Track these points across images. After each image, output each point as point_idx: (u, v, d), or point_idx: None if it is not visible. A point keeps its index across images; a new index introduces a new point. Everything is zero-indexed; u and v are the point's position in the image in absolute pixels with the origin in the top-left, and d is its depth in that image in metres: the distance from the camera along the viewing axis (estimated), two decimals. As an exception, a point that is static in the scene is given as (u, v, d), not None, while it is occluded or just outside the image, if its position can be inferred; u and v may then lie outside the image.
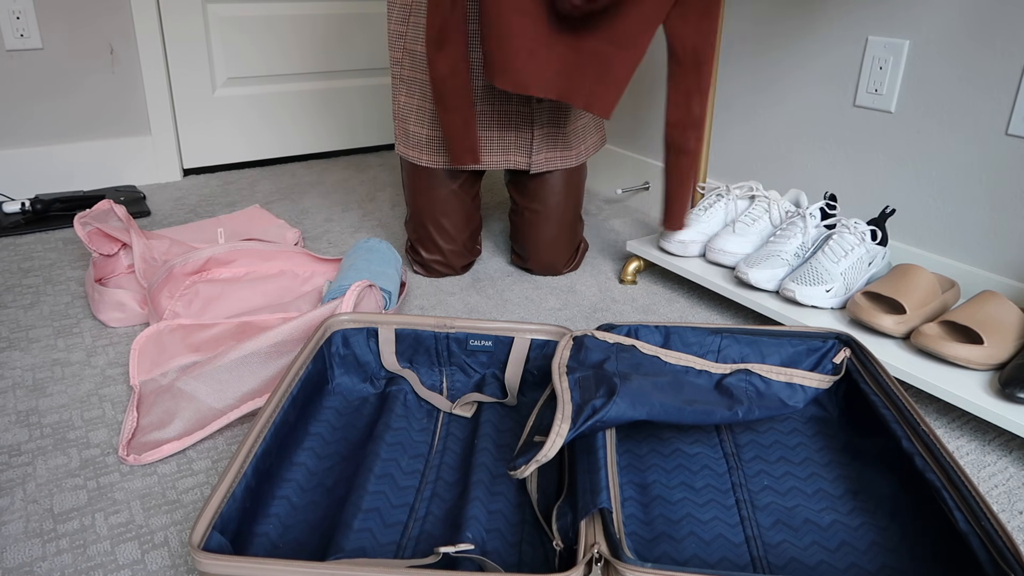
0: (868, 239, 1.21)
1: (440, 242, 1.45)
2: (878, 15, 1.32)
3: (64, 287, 1.39)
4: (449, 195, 1.41)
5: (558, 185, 1.42)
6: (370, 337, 0.98)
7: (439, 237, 1.45)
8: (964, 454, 0.98)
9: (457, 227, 1.44)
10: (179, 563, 0.77)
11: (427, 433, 0.91)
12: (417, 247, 1.48)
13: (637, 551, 0.73)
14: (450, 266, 1.47)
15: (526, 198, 1.44)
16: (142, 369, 1.08)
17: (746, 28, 1.55)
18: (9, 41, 1.71)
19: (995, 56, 1.17)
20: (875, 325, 1.09)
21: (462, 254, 1.47)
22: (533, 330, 0.97)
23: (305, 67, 2.18)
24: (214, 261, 1.29)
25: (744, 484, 0.82)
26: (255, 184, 2.04)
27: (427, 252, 1.46)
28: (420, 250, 1.47)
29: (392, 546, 0.73)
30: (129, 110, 1.92)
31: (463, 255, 1.47)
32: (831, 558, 0.72)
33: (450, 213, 1.43)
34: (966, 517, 0.64)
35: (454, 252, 1.46)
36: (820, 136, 1.46)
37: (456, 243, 1.45)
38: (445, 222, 1.43)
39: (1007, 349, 1.01)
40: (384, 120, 2.38)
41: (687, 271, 1.35)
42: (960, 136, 1.24)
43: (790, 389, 0.90)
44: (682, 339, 0.94)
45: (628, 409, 0.75)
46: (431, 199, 1.42)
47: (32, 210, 1.68)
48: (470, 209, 1.45)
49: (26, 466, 0.91)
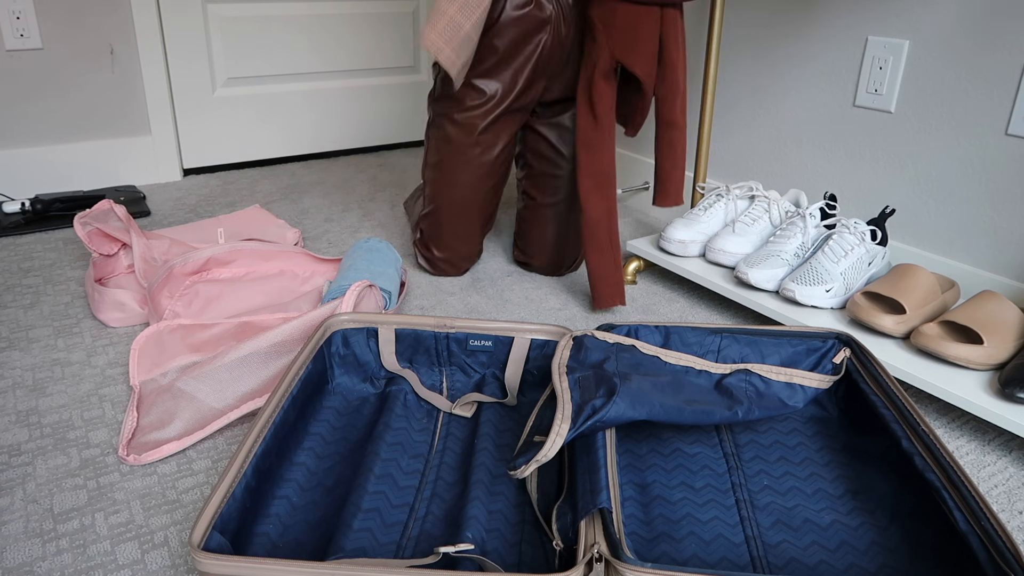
0: (868, 239, 1.21)
1: (455, 242, 1.44)
2: (878, 15, 1.32)
3: (64, 287, 1.39)
4: (478, 194, 1.40)
5: (571, 184, 1.42)
6: (370, 337, 0.98)
7: (455, 236, 1.43)
8: (964, 454, 0.98)
9: (475, 229, 1.44)
10: (179, 563, 0.77)
11: (427, 433, 0.91)
12: (430, 243, 1.45)
13: (637, 551, 0.73)
14: (457, 267, 1.47)
15: (544, 193, 1.43)
16: (142, 369, 1.08)
17: (746, 28, 1.55)
18: (9, 41, 1.71)
19: (995, 56, 1.17)
20: (875, 325, 1.09)
21: (472, 256, 1.47)
22: (533, 330, 0.97)
23: (305, 67, 2.18)
24: (214, 261, 1.29)
25: (744, 484, 0.82)
26: (255, 184, 2.04)
27: (439, 250, 1.45)
28: (433, 247, 1.45)
29: (392, 546, 0.74)
30: (129, 110, 1.92)
31: (472, 257, 1.47)
32: (831, 558, 0.72)
33: (474, 213, 1.41)
34: (966, 517, 0.64)
35: (466, 254, 1.45)
36: (820, 136, 1.46)
37: (470, 245, 1.45)
38: (466, 222, 1.42)
39: (1007, 349, 1.01)
40: (384, 120, 2.38)
41: (687, 271, 1.35)
42: (960, 136, 1.24)
43: (790, 389, 0.90)
44: (682, 339, 0.94)
45: (628, 409, 0.75)
46: (459, 195, 1.39)
47: (32, 210, 1.68)
48: (492, 212, 1.45)
49: (26, 466, 0.91)
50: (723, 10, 1.35)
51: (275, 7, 2.07)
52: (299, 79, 2.19)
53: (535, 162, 1.43)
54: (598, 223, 1.30)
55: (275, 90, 2.15)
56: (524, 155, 1.46)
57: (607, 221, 1.30)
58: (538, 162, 1.43)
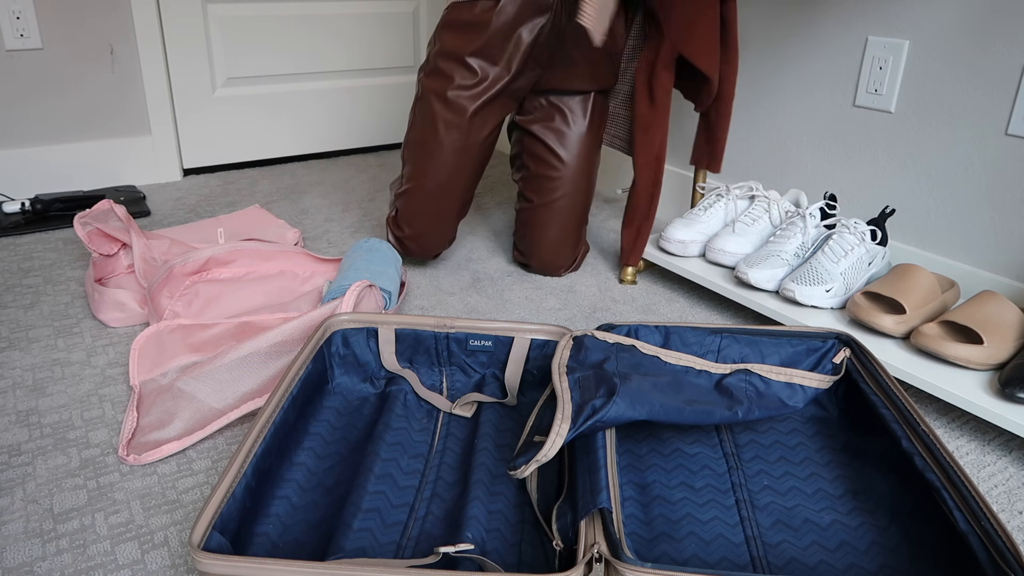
0: (868, 239, 1.21)
1: (429, 224, 1.40)
2: (878, 15, 1.32)
3: (64, 287, 1.39)
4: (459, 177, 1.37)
5: (569, 184, 1.42)
6: (370, 337, 0.98)
7: (431, 218, 1.39)
8: (964, 454, 0.98)
9: (452, 213, 1.40)
10: (179, 563, 0.77)
11: (427, 433, 0.91)
12: (402, 223, 1.41)
13: (637, 551, 0.73)
14: (427, 250, 1.43)
15: (542, 195, 1.43)
16: (142, 369, 1.08)
17: (746, 28, 1.55)
18: (9, 41, 1.71)
19: (995, 56, 1.17)
20: (875, 325, 1.09)
21: (443, 242, 1.43)
22: (533, 330, 0.97)
23: (305, 67, 2.18)
24: (214, 261, 1.29)
25: (744, 484, 0.82)
26: (255, 184, 2.04)
27: (411, 230, 1.41)
28: (405, 226, 1.41)
29: (392, 546, 0.74)
30: (129, 110, 1.92)
31: (444, 243, 1.44)
32: (831, 558, 0.72)
33: (453, 196, 1.38)
34: (966, 517, 0.64)
35: (439, 239, 1.42)
36: (820, 136, 1.46)
37: (444, 230, 1.41)
38: (444, 204, 1.38)
39: (1007, 349, 1.01)
40: (384, 120, 2.38)
41: (687, 271, 1.35)
42: (960, 136, 1.24)
43: (790, 389, 0.90)
44: (682, 339, 0.94)
45: (628, 409, 0.75)
46: (440, 178, 1.36)
47: (32, 210, 1.68)
48: (470, 197, 1.42)
49: (26, 466, 0.91)
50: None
51: (275, 7, 2.07)
52: (299, 79, 2.19)
53: (532, 165, 1.43)
54: (643, 193, 1.40)
55: (275, 90, 2.15)
56: (520, 157, 1.46)
57: (651, 190, 1.40)
58: (535, 165, 1.43)
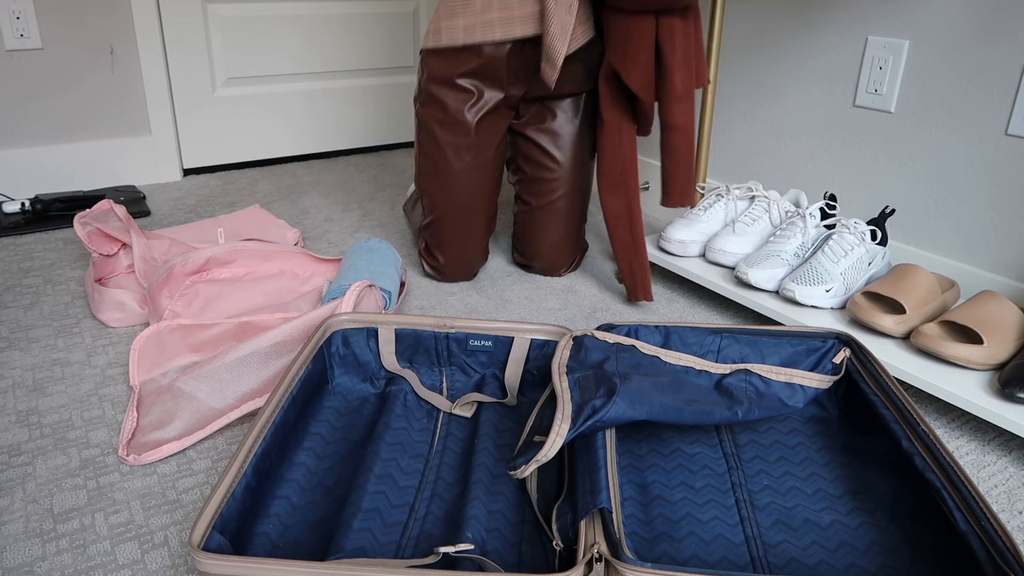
0: (868, 239, 1.21)
1: (461, 248, 1.41)
2: (878, 15, 1.32)
3: (64, 287, 1.39)
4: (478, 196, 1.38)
5: (566, 184, 1.42)
6: (370, 337, 0.98)
7: (461, 242, 1.41)
8: (964, 454, 0.98)
9: (480, 231, 1.41)
10: (179, 563, 0.77)
11: (427, 433, 0.91)
12: (435, 252, 1.43)
13: (637, 551, 0.73)
14: (466, 272, 1.44)
15: (539, 197, 1.43)
16: (142, 369, 1.08)
17: (746, 28, 1.55)
18: (9, 41, 1.71)
19: (995, 56, 1.17)
20: (875, 325, 1.09)
21: (479, 259, 1.45)
22: (533, 330, 0.97)
23: (305, 67, 2.18)
24: (214, 261, 1.29)
25: (744, 484, 0.82)
26: (255, 184, 2.04)
27: (445, 258, 1.42)
28: (439, 255, 1.43)
29: (392, 546, 0.74)
30: (129, 110, 1.92)
31: (480, 260, 1.45)
32: (831, 558, 0.72)
33: (477, 216, 1.40)
34: (966, 517, 0.64)
35: (473, 258, 1.43)
36: (820, 136, 1.46)
37: (477, 248, 1.42)
38: (470, 226, 1.40)
39: (1007, 349, 1.01)
40: (384, 120, 2.38)
41: (687, 271, 1.35)
42: (960, 136, 1.24)
43: (790, 389, 0.90)
44: (682, 339, 0.94)
45: (628, 409, 0.75)
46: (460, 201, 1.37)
47: (32, 210, 1.68)
48: (494, 212, 1.43)
49: (26, 466, 0.91)
50: (723, 10, 1.35)
51: (275, 7, 2.07)
52: (299, 79, 2.19)
53: (527, 167, 1.43)
54: (616, 221, 1.32)
55: (275, 90, 2.15)
56: (515, 161, 1.46)
57: (627, 219, 1.31)
58: (530, 167, 1.43)
